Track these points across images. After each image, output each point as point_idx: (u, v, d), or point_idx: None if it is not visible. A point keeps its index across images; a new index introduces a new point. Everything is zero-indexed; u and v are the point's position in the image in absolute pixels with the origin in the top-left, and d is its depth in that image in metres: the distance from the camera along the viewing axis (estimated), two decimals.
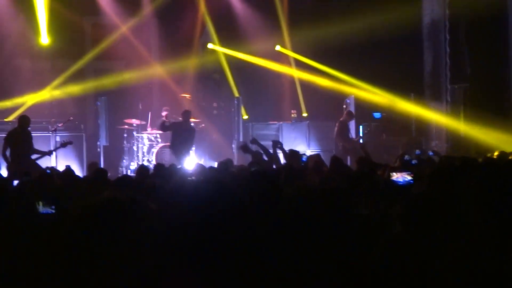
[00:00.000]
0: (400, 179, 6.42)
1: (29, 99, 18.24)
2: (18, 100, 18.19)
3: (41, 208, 4.66)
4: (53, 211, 4.61)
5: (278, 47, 20.83)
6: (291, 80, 21.24)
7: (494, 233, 3.04)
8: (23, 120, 14.16)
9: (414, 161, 10.09)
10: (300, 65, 20.64)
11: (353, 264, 3.19)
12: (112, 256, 2.10)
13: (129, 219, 2.14)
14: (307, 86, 20.32)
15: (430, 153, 14.20)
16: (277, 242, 3.16)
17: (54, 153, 14.57)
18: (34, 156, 13.89)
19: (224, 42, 21.18)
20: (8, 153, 13.62)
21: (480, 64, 17.37)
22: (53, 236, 3.57)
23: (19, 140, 13.79)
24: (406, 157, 11.14)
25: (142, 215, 2.17)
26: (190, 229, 2.51)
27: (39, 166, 13.21)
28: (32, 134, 14.35)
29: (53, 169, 10.32)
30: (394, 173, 6.51)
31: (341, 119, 17.88)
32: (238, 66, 21.14)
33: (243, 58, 20.67)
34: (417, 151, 14.38)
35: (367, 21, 19.07)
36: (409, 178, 6.43)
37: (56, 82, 19.02)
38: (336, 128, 17.80)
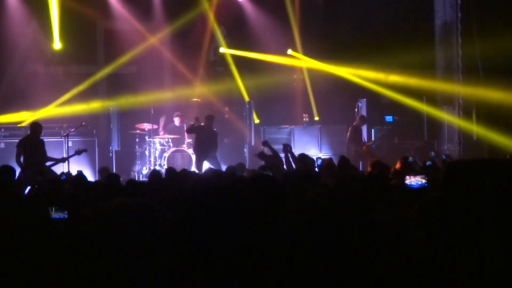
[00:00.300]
0: (414, 183, 6.39)
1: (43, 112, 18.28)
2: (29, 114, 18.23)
3: (54, 214, 4.66)
4: (66, 216, 4.61)
5: (289, 51, 20.82)
6: (303, 84, 21.23)
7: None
8: (36, 127, 14.22)
9: (428, 163, 10.05)
10: (312, 69, 20.61)
11: (367, 268, 3.16)
12: (123, 261, 2.09)
13: (141, 225, 2.12)
14: (319, 90, 20.29)
15: (443, 156, 14.16)
16: (288, 247, 3.14)
17: (66, 160, 14.59)
18: (48, 163, 13.94)
19: (235, 47, 21.19)
20: (21, 159, 13.69)
21: (492, 67, 17.28)
22: (65, 241, 3.56)
23: (32, 147, 13.86)
24: (411, 159, 11.10)
25: (153, 221, 2.15)
26: (197, 235, 2.49)
27: (53, 173, 13.25)
28: (44, 140, 14.41)
29: (68, 174, 10.34)
30: (408, 177, 6.47)
31: (354, 123, 17.87)
32: (250, 70, 21.15)
33: (255, 60, 20.69)
34: (432, 154, 14.34)
35: (379, 23, 19.07)
36: (423, 181, 6.40)
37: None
38: (348, 133, 17.79)
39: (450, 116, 19.05)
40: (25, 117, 18.06)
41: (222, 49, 21.01)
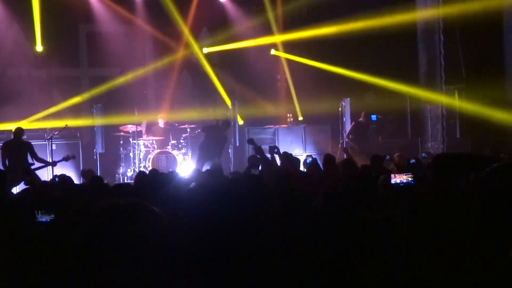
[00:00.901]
0: (398, 181, 6.41)
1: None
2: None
3: (40, 217, 4.65)
4: (52, 219, 4.59)
5: (273, 51, 20.86)
6: (286, 84, 21.26)
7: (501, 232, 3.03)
8: (17, 131, 14.40)
9: (412, 161, 10.09)
10: (294, 68, 20.62)
11: (359, 267, 3.18)
12: (117, 261, 2.09)
13: (134, 224, 2.12)
14: (302, 90, 20.32)
15: (424, 155, 14.23)
16: (280, 247, 3.15)
17: (56, 164, 14.62)
18: (36, 165, 14.07)
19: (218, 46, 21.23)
20: (6, 162, 13.86)
21: (475, 64, 17.39)
22: (51, 244, 3.55)
23: (14, 150, 14.02)
24: (387, 157, 11.16)
25: (146, 220, 2.15)
26: (191, 234, 2.50)
27: (36, 176, 13.24)
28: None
29: (61, 176, 10.28)
30: (393, 175, 6.49)
31: (360, 119, 18.03)
32: (233, 71, 21.16)
33: (237, 61, 20.71)
34: (424, 155, 14.40)
35: (362, 23, 19.11)
36: (409, 179, 6.42)
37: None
38: (350, 127, 17.99)
39: (433, 114, 19.15)
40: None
41: (205, 50, 20.99)
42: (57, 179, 9.21)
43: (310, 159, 12.21)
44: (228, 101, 19.93)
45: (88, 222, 2.14)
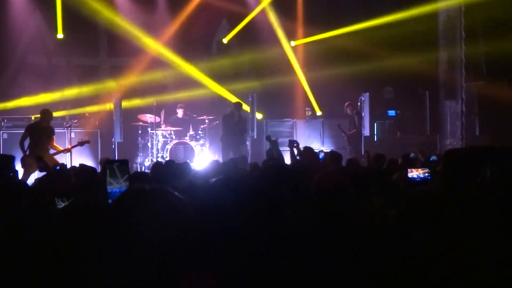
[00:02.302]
0: (415, 175, 6.39)
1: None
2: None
3: (59, 203, 4.67)
4: (71, 205, 4.62)
5: (293, 43, 20.83)
6: (306, 77, 21.23)
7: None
8: (46, 113, 14.28)
9: (432, 158, 10.03)
10: (315, 62, 20.55)
11: (370, 265, 3.16)
12: (141, 246, 2.09)
13: (159, 209, 2.12)
14: (322, 83, 20.25)
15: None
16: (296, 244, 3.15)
17: (70, 151, 14.64)
18: (51, 151, 14.06)
19: (238, 39, 21.21)
20: (27, 144, 13.80)
21: (495, 62, 17.27)
22: (72, 228, 3.57)
23: (39, 132, 13.94)
24: (412, 155, 11.10)
25: (171, 205, 2.15)
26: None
27: (55, 161, 13.30)
28: None
29: (62, 165, 10.33)
30: (410, 170, 6.47)
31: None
32: (252, 63, 21.16)
33: (257, 53, 20.70)
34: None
35: (383, 18, 19.05)
36: (426, 174, 6.39)
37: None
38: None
39: (452, 111, 19.06)
40: (25, 102, 18.11)
41: (225, 40, 21.02)
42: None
43: (323, 154, 12.17)
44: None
45: (114, 207, 2.14)
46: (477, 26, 18.09)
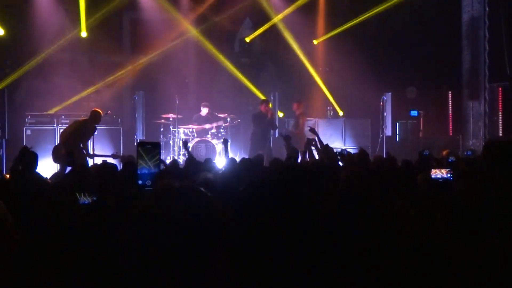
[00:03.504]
0: (439, 176, 6.39)
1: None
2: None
3: (82, 199, 4.71)
4: (93, 200, 4.66)
5: (315, 42, 20.81)
6: (326, 77, 21.19)
7: None
8: (97, 115, 14.27)
9: (451, 159, 10.00)
10: (338, 61, 20.48)
11: (390, 263, 3.16)
12: (170, 242, 2.11)
13: (188, 206, 2.14)
14: (344, 82, 20.21)
15: (468, 152, 14.06)
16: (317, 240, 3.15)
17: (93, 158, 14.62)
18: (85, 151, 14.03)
19: (261, 38, 21.24)
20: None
21: None
22: (94, 225, 3.61)
23: (87, 132, 13.99)
24: (426, 152, 11.03)
25: (200, 203, 2.17)
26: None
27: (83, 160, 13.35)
28: None
29: (104, 163, 10.38)
30: (434, 170, 6.46)
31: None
32: (275, 62, 21.18)
33: (279, 52, 20.70)
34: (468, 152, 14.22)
35: (406, 16, 19.00)
36: (448, 175, 6.39)
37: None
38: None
39: (475, 111, 18.96)
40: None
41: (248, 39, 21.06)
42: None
43: (345, 153, 12.12)
44: (262, 96, 19.87)
45: (143, 203, 2.16)
46: (501, 26, 17.97)
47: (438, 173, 6.34)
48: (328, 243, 3.12)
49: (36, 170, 8.38)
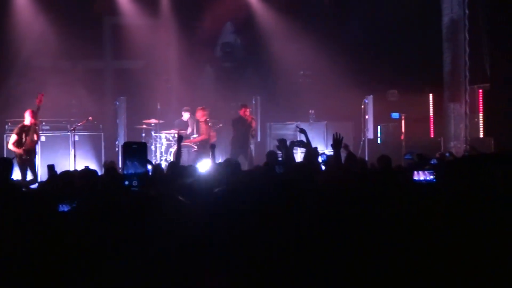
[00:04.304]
0: (422, 178, 6.39)
1: None
2: None
3: (62, 206, 4.67)
4: (73, 207, 4.61)
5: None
6: (309, 80, 21.23)
7: None
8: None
9: (433, 161, 10.02)
10: (319, 65, 20.47)
11: (377, 263, 3.15)
12: (146, 248, 2.10)
13: (161, 213, 2.13)
14: (325, 86, 20.23)
15: (447, 154, 14.12)
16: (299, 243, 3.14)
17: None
18: None
19: (242, 43, 21.26)
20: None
21: (500, 65, 17.23)
22: (73, 231, 3.57)
23: None
24: (407, 155, 11.07)
25: (173, 209, 2.16)
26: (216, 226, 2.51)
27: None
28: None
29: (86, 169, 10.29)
30: (416, 172, 6.47)
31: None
32: (256, 66, 21.19)
33: (260, 55, 20.70)
34: (447, 154, 14.28)
35: (387, 19, 19.08)
36: (431, 177, 6.39)
37: None
38: None
39: (456, 113, 19.03)
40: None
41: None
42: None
43: (325, 156, 12.10)
44: None
45: (120, 211, 2.15)
46: (481, 28, 18.06)
47: (421, 176, 6.35)
48: (307, 245, 3.11)
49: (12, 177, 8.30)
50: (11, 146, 14.44)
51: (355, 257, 3.23)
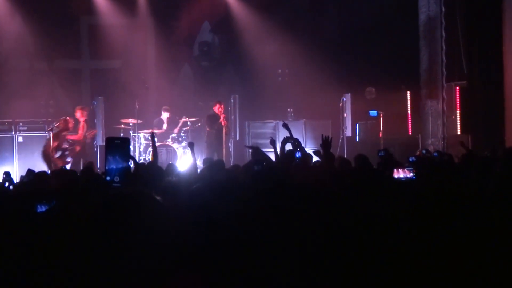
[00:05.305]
0: (402, 176, 6.41)
1: None
2: None
3: (39, 207, 4.63)
4: (51, 209, 4.58)
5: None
6: (287, 78, 21.26)
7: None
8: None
9: (411, 158, 10.04)
10: (297, 63, 20.49)
11: (358, 264, 3.16)
12: (122, 249, 2.09)
13: (137, 212, 2.12)
14: (303, 84, 20.27)
15: (435, 153, 14.15)
16: (279, 244, 3.14)
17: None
18: None
19: (219, 42, 21.25)
20: None
21: (477, 62, 17.36)
22: (52, 232, 3.55)
23: None
24: (381, 152, 11.03)
25: (149, 208, 2.15)
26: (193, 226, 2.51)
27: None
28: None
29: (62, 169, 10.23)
30: (396, 170, 6.48)
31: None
32: (234, 65, 21.18)
33: (239, 54, 20.69)
34: (423, 151, 14.33)
35: (364, 17, 19.14)
36: (411, 174, 6.41)
37: None
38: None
39: (433, 110, 19.13)
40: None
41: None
42: (4, 174, 9.05)
43: (299, 154, 12.02)
44: None
45: (94, 211, 2.14)
46: (457, 25, 18.18)
47: (401, 173, 6.36)
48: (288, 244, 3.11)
49: None
50: None
51: (335, 256, 3.24)
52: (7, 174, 8.75)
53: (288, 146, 10.51)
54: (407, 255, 3.31)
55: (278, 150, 10.75)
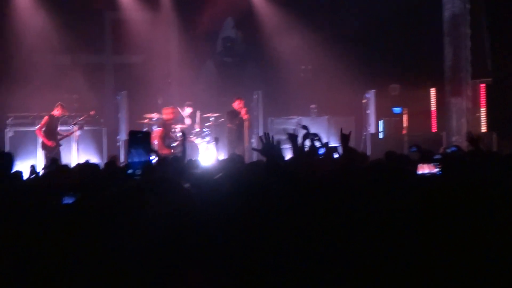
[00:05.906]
0: (426, 171, 6.35)
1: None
2: None
3: (64, 199, 4.65)
4: (76, 201, 4.59)
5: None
6: (310, 74, 21.20)
7: None
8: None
9: (437, 156, 9.93)
10: (320, 60, 20.42)
11: (374, 262, 3.12)
12: (147, 235, 2.07)
13: (163, 198, 2.10)
14: (326, 81, 20.21)
15: (453, 148, 14.03)
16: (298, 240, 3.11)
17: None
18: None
19: (243, 38, 21.23)
20: None
21: (502, 59, 17.21)
22: (77, 224, 3.55)
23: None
24: (413, 148, 10.93)
25: (175, 194, 2.13)
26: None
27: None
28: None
29: (86, 163, 10.27)
30: (421, 165, 6.43)
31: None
32: (257, 61, 21.15)
33: (262, 50, 20.66)
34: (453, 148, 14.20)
35: (388, 14, 19.04)
36: (436, 169, 6.35)
37: None
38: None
39: (458, 108, 19.00)
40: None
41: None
42: (30, 167, 9.12)
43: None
44: None
45: (121, 197, 2.12)
46: (482, 22, 18.03)
47: (425, 169, 6.31)
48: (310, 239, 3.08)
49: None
50: None
51: (356, 252, 3.20)
52: (33, 167, 8.84)
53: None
54: (426, 252, 3.27)
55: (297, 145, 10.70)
